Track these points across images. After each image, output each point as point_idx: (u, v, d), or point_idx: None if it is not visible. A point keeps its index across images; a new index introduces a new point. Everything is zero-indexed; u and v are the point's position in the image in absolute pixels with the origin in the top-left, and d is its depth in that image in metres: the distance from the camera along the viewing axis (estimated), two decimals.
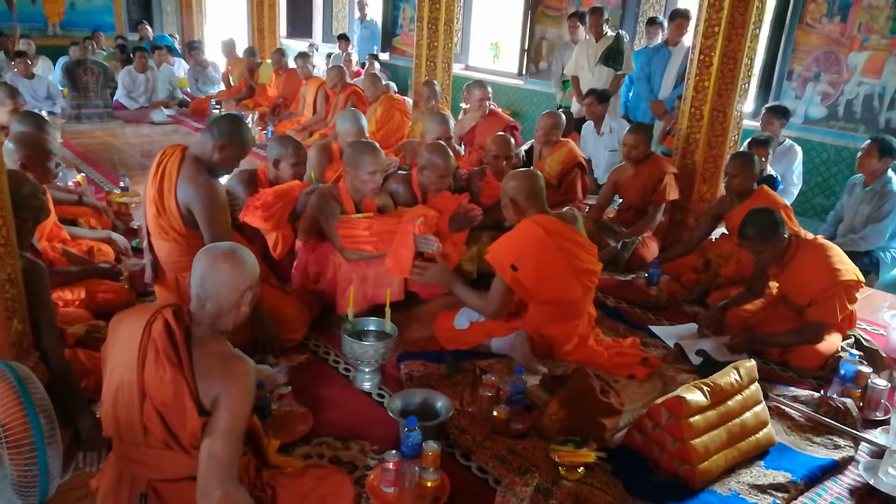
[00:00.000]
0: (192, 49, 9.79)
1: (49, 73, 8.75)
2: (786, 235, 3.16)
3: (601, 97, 5.71)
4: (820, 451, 2.53)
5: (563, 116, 5.20)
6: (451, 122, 4.48)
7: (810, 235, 3.26)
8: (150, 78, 8.44)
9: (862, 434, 2.63)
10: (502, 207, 3.09)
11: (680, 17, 6.02)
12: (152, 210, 2.87)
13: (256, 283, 1.91)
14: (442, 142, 3.86)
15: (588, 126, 5.93)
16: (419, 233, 3.11)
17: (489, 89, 5.46)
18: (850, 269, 3.13)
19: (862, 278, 3.18)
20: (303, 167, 3.48)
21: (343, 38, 9.66)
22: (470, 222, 3.50)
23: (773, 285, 3.59)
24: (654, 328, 3.45)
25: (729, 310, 3.46)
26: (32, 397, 1.93)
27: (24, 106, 4.78)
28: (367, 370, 2.80)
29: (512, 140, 4.21)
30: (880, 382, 2.80)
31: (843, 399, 2.75)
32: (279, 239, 3.24)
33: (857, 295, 3.22)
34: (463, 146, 5.38)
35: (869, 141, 4.29)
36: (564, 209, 3.15)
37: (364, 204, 3.32)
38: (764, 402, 2.56)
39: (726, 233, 4.22)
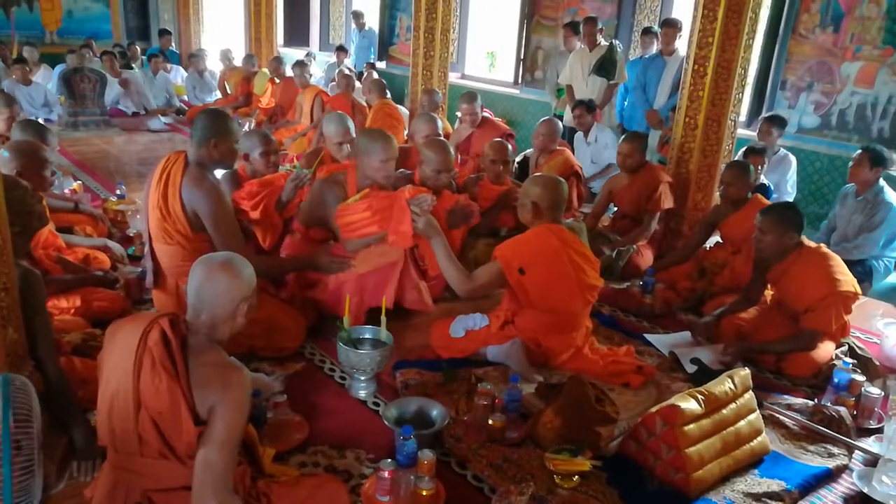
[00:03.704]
0: (192, 57, 9.85)
1: (49, 81, 8.77)
2: (797, 239, 3.18)
3: (589, 108, 5.75)
4: (814, 460, 2.54)
5: (560, 124, 5.24)
6: (440, 123, 4.50)
7: (813, 244, 3.27)
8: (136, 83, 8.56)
9: (856, 442, 2.63)
10: (519, 206, 3.09)
11: (667, 26, 6.08)
12: (156, 215, 2.88)
13: (253, 294, 1.92)
14: (442, 138, 3.85)
15: (579, 136, 5.99)
16: (410, 196, 3.08)
17: (477, 103, 5.48)
18: (849, 281, 3.14)
19: (859, 290, 3.19)
20: (274, 156, 3.54)
21: (341, 50, 9.70)
22: (467, 218, 3.50)
23: (767, 294, 3.61)
24: (648, 336, 3.46)
25: (724, 318, 3.47)
26: (15, 415, 1.90)
27: (21, 113, 4.78)
28: (362, 378, 2.80)
29: (509, 146, 4.24)
30: (874, 391, 2.81)
31: (836, 407, 2.75)
32: (268, 230, 3.28)
33: (853, 306, 3.23)
34: (458, 155, 5.40)
35: (860, 151, 4.32)
36: (569, 220, 3.15)
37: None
38: (758, 411, 2.57)
39: (721, 241, 4.24)
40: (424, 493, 2.11)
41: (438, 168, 3.51)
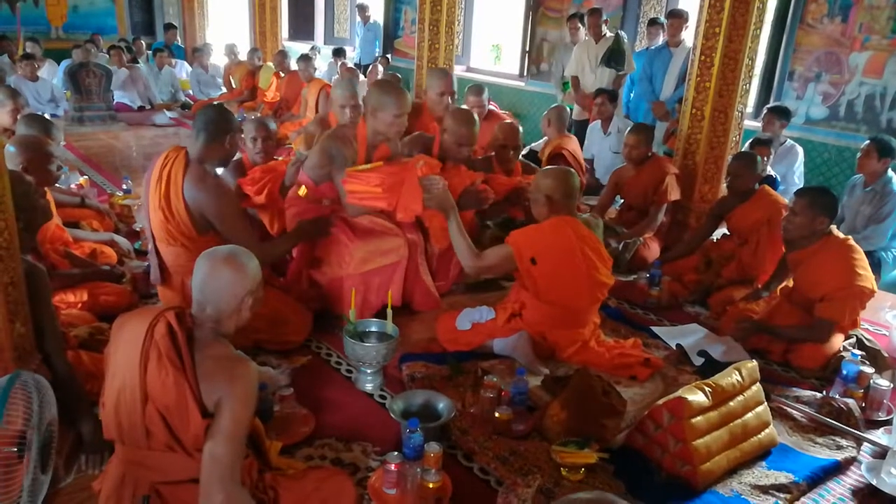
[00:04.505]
0: (195, 52, 9.86)
1: (54, 76, 8.80)
2: (827, 226, 3.15)
3: (612, 97, 5.74)
4: (822, 452, 2.53)
5: (567, 110, 5.27)
6: (455, 78, 4.43)
7: (841, 235, 3.23)
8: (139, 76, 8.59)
9: (864, 434, 2.62)
10: (532, 202, 3.06)
11: (672, 17, 6.05)
12: (159, 216, 2.84)
13: (258, 288, 1.91)
14: (470, 109, 3.71)
15: (595, 126, 5.97)
16: (422, 174, 3.05)
17: (484, 95, 5.45)
18: (869, 277, 3.12)
19: (876, 288, 3.17)
20: (267, 143, 3.58)
21: (338, 54, 9.63)
22: (480, 203, 3.43)
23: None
24: (655, 329, 3.45)
25: (733, 307, 3.48)
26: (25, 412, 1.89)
27: (25, 107, 4.79)
28: (368, 371, 2.80)
29: (520, 129, 4.14)
30: (882, 383, 2.79)
31: (845, 399, 2.74)
32: (274, 215, 3.28)
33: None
34: None
35: (868, 142, 4.29)
36: (585, 215, 3.13)
37: (377, 151, 3.23)
38: (766, 403, 2.56)
39: (727, 233, 4.22)
40: (431, 485, 2.11)
41: (461, 141, 3.42)
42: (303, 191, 3.26)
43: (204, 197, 2.79)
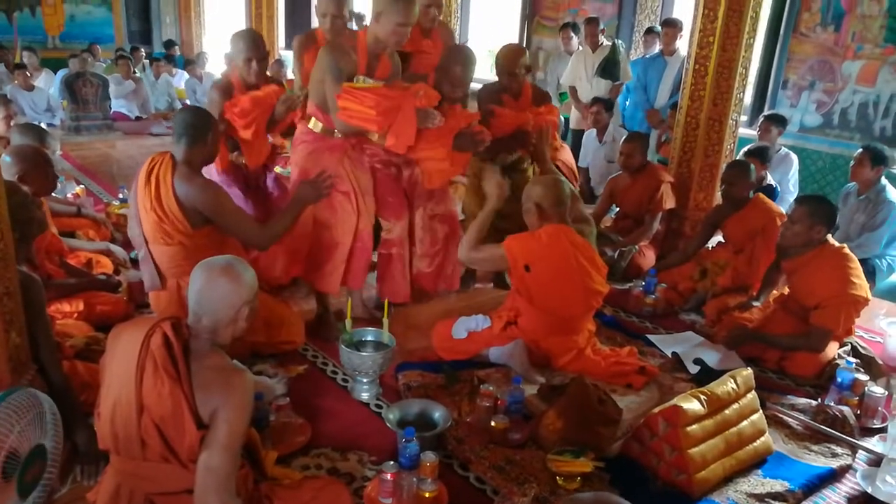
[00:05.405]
0: (188, 63, 9.89)
1: (50, 85, 8.81)
2: (824, 235, 3.17)
3: (608, 105, 5.76)
4: (818, 460, 2.53)
5: (561, 120, 5.27)
6: None
7: (836, 244, 3.24)
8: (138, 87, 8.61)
9: (859, 442, 2.63)
10: (524, 212, 3.06)
11: (667, 26, 6.09)
12: (152, 218, 2.82)
13: (254, 298, 1.91)
14: (467, 47, 3.57)
15: (590, 134, 5.99)
16: (420, 105, 2.96)
17: None
18: (863, 286, 3.13)
19: (870, 297, 3.19)
20: (259, 63, 3.37)
21: None
22: (475, 146, 3.31)
23: (772, 295, 3.61)
24: (651, 337, 3.45)
25: (727, 315, 3.48)
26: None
27: (18, 114, 4.80)
28: (365, 381, 2.80)
29: (526, 54, 3.78)
30: (877, 390, 2.81)
31: (840, 407, 2.75)
32: (254, 151, 3.32)
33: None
34: None
35: (860, 150, 4.31)
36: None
37: (379, 64, 3.11)
38: (761, 411, 2.56)
39: (723, 241, 4.23)
40: (427, 495, 2.11)
41: (452, 82, 3.27)
42: (313, 123, 3.13)
43: (195, 193, 2.79)
